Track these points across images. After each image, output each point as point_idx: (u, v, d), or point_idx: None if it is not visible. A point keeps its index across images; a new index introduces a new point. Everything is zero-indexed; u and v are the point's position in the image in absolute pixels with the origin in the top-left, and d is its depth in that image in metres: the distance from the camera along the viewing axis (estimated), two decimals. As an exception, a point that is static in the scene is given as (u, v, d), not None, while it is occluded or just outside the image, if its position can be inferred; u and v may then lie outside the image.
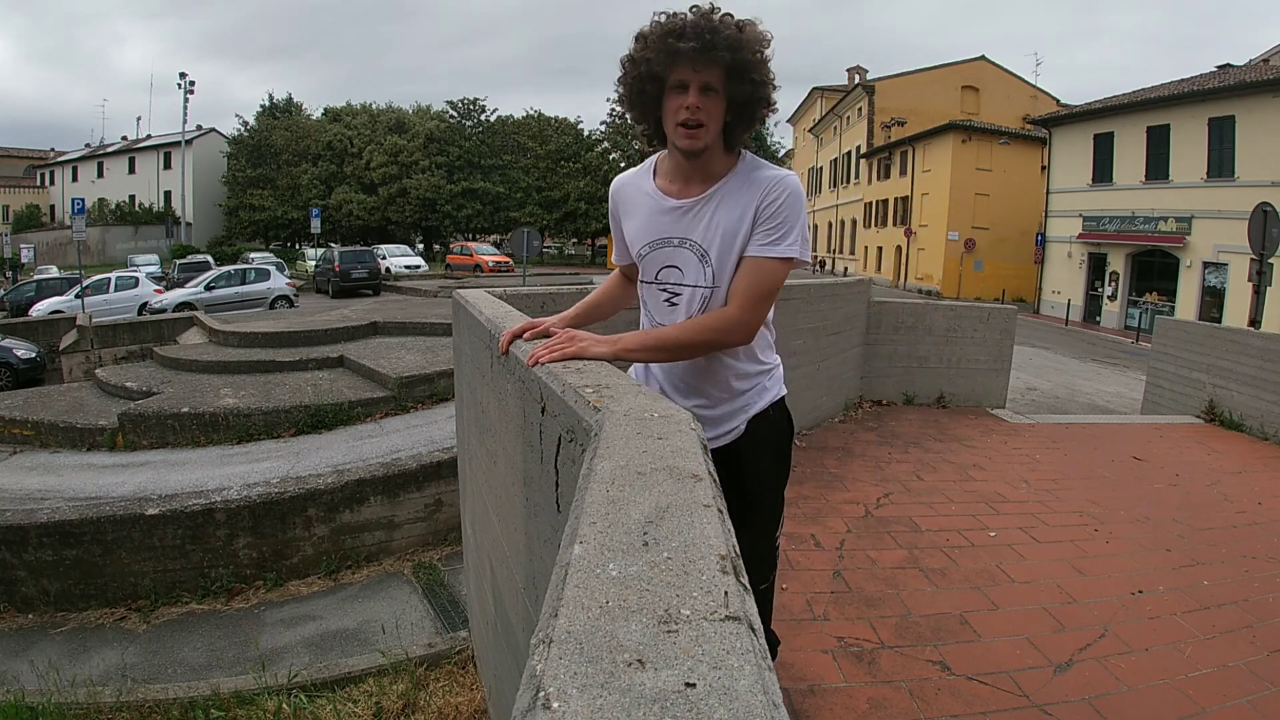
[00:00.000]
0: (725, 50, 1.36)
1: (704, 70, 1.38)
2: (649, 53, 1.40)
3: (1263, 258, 9.45)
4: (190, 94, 39.36)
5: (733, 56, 1.37)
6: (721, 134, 1.45)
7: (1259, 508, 4.02)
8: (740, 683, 0.45)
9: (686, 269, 1.53)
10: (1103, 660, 2.37)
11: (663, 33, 1.38)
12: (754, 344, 1.60)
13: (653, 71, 1.40)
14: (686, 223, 1.51)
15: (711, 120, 1.42)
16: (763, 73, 1.42)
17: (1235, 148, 17.06)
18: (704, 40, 1.35)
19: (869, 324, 6.19)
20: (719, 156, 1.49)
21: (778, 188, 1.46)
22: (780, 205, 1.45)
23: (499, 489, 1.69)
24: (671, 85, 1.42)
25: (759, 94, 1.44)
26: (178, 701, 3.51)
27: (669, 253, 1.54)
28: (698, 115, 1.40)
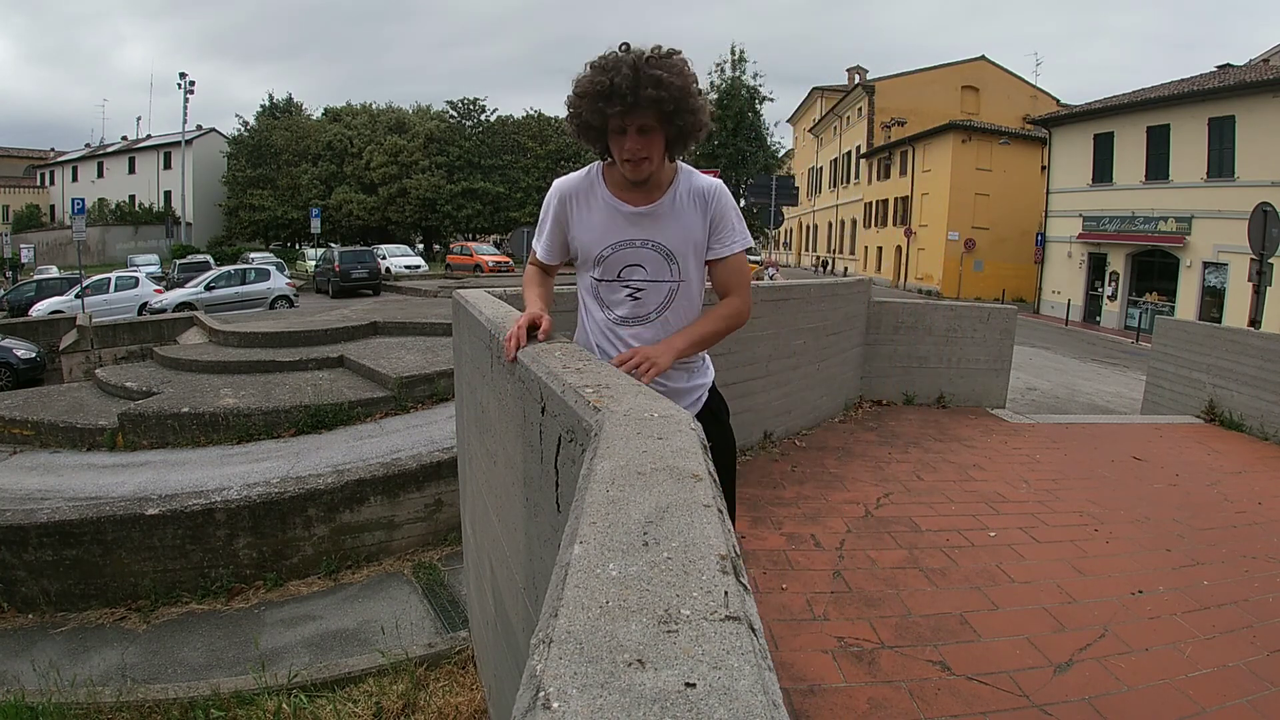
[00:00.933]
0: (652, 103, 1.54)
1: (636, 119, 1.57)
2: (584, 110, 1.59)
3: (1263, 258, 9.46)
4: (190, 94, 39.39)
5: (660, 105, 1.55)
6: (665, 155, 1.67)
7: (1259, 508, 4.02)
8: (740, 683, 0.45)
9: (650, 266, 1.74)
10: (1103, 660, 2.37)
11: (593, 95, 1.56)
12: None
13: (589, 123, 1.62)
14: (647, 226, 1.72)
15: (653, 151, 1.62)
16: (691, 107, 1.60)
17: (1235, 148, 17.06)
18: (627, 102, 1.54)
19: (869, 324, 6.18)
20: (661, 169, 1.71)
21: (718, 199, 1.75)
22: (726, 210, 1.76)
23: (499, 489, 1.69)
24: (612, 129, 1.61)
25: (691, 123, 1.63)
26: (178, 701, 3.51)
27: (632, 253, 1.73)
28: (638, 153, 1.60)
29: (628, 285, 1.76)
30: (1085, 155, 21.80)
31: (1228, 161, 17.29)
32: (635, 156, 1.61)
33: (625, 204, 1.73)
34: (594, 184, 1.77)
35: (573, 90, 1.62)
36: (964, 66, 34.52)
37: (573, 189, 1.78)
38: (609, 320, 1.80)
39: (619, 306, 1.78)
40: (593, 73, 1.58)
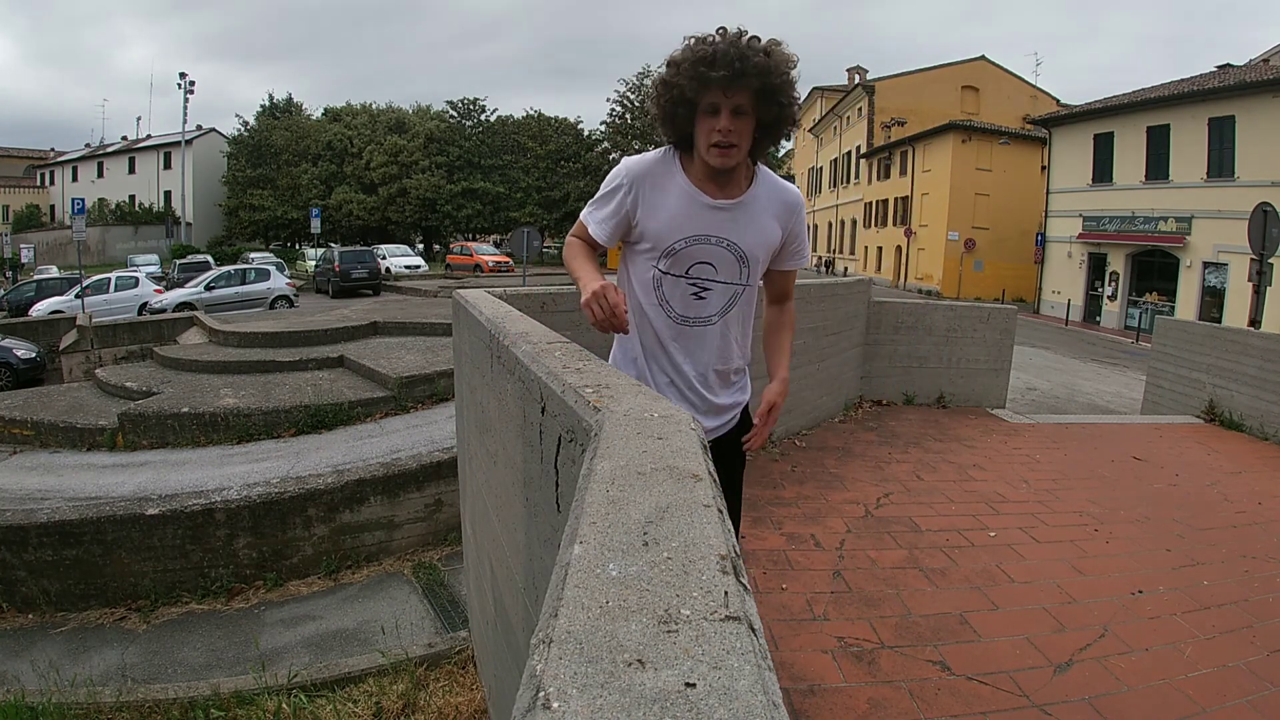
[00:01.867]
0: (755, 76, 1.45)
1: (735, 95, 1.47)
2: (681, 79, 1.48)
3: (1263, 258, 9.46)
4: (190, 94, 39.43)
5: (762, 82, 1.46)
6: (750, 150, 1.58)
7: (1259, 508, 4.02)
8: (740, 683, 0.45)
9: (721, 267, 1.64)
10: (1103, 660, 2.37)
11: (694, 60, 1.46)
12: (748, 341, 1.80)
13: (685, 96, 1.50)
14: (726, 224, 1.61)
15: (743, 140, 1.52)
16: (789, 94, 1.51)
17: (1235, 148, 17.06)
18: (734, 68, 1.44)
19: (869, 324, 6.18)
20: (743, 166, 1.61)
21: (800, 211, 1.70)
22: (803, 223, 1.72)
23: (499, 489, 1.69)
24: (703, 108, 1.50)
25: (786, 114, 1.54)
26: (178, 701, 3.51)
27: (706, 250, 1.62)
28: (730, 137, 1.49)
29: (695, 284, 1.65)
30: (1085, 155, 21.81)
31: (1228, 161, 17.29)
32: (726, 140, 1.50)
33: (708, 196, 1.60)
34: (671, 169, 1.64)
35: (667, 64, 1.53)
36: (964, 66, 34.52)
37: (647, 170, 1.64)
38: (666, 317, 1.67)
39: (679, 304, 1.66)
40: (694, 43, 1.49)
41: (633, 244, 1.69)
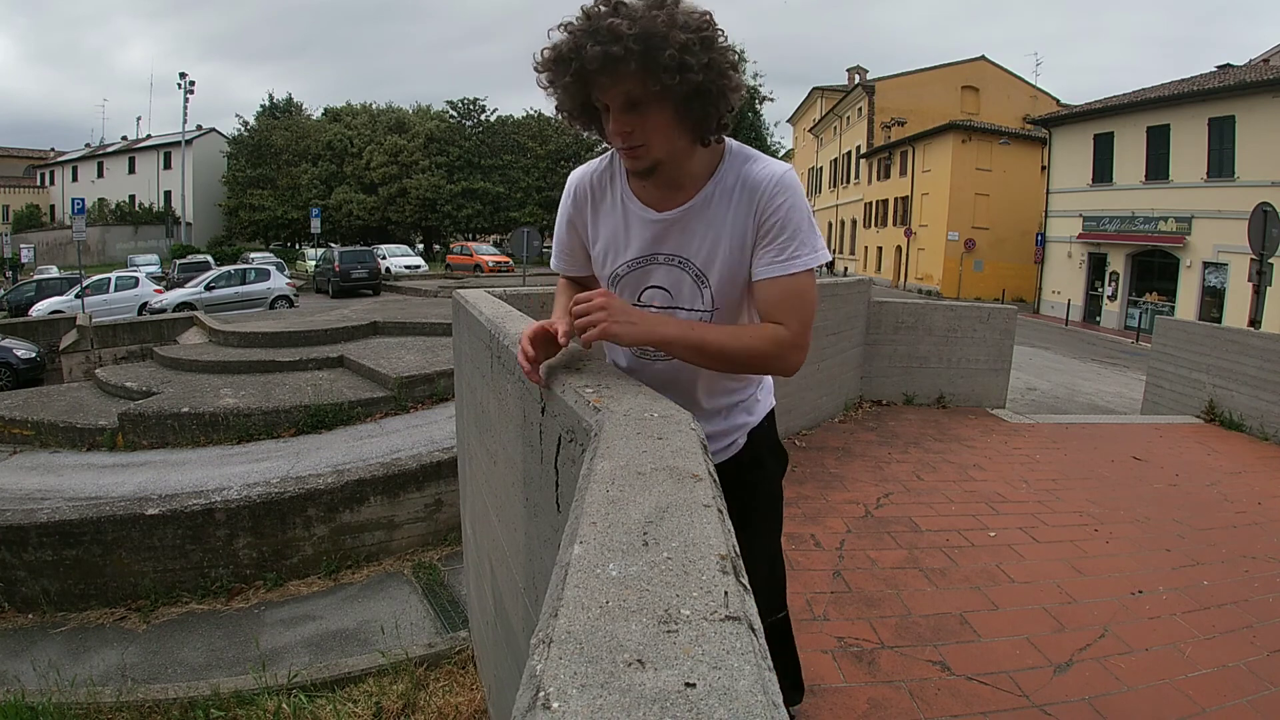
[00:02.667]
0: (609, 62, 1.08)
1: (615, 85, 1.12)
2: (554, 91, 1.18)
3: (1263, 258, 9.45)
4: (190, 94, 39.42)
5: (642, 59, 1.08)
6: (685, 133, 1.19)
7: (1259, 508, 4.02)
8: (740, 683, 0.45)
9: (677, 290, 1.31)
10: (1103, 660, 2.37)
11: (550, 67, 1.14)
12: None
13: (571, 109, 1.20)
14: (674, 237, 1.28)
15: (654, 133, 1.17)
16: (699, 56, 1.10)
17: (1235, 148, 17.06)
18: (583, 59, 1.08)
19: (869, 324, 6.18)
20: (692, 156, 1.24)
21: (774, 194, 1.22)
22: (783, 212, 1.21)
23: (499, 489, 1.69)
24: (600, 106, 1.18)
25: (707, 82, 1.12)
26: (178, 701, 3.51)
27: (653, 271, 1.31)
28: (631, 139, 1.17)
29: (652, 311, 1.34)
30: (1085, 155, 21.80)
31: (1228, 161, 17.29)
32: (627, 142, 1.17)
33: (648, 208, 1.29)
34: (614, 177, 1.34)
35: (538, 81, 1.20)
36: (964, 66, 34.51)
37: (587, 182, 1.37)
38: (629, 354, 1.40)
39: None
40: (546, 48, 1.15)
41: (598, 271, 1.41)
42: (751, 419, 1.49)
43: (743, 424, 1.48)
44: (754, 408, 1.50)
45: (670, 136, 1.18)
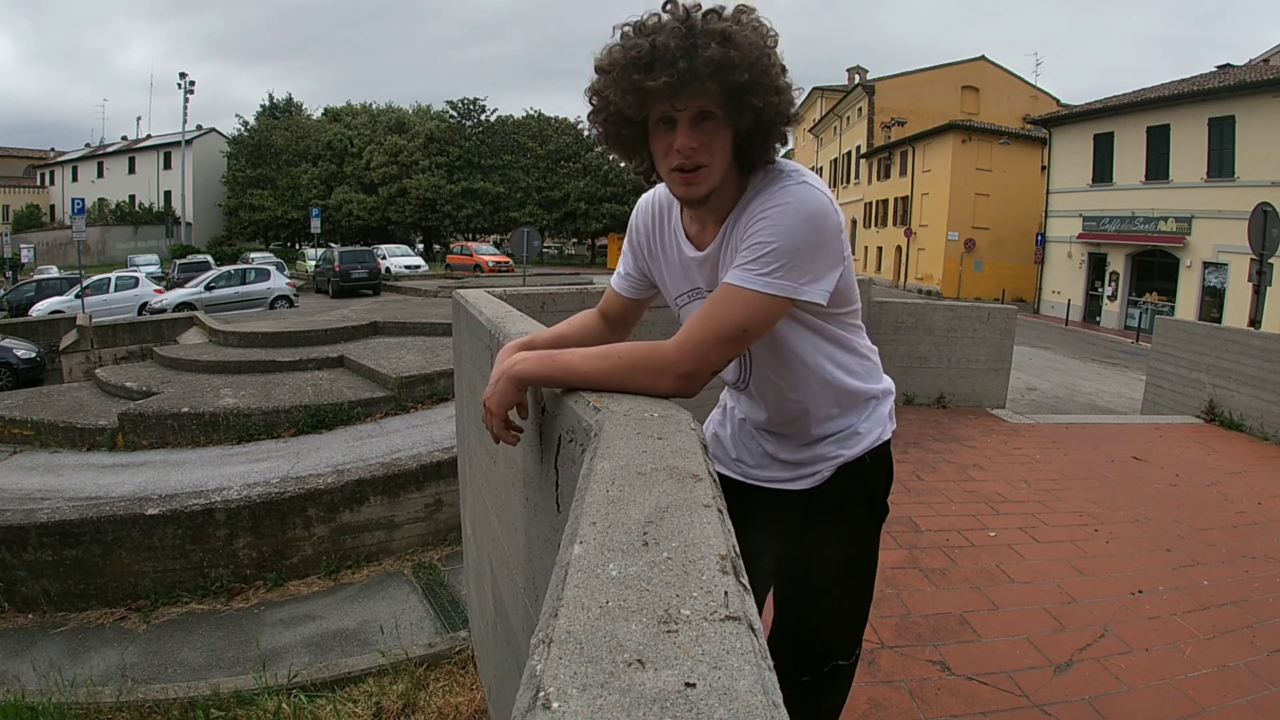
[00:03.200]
0: (713, 75, 1.02)
1: (691, 100, 1.05)
2: (613, 92, 1.08)
3: (1263, 258, 9.45)
4: (190, 94, 39.42)
5: (724, 79, 1.03)
6: (734, 162, 1.13)
7: (1259, 508, 4.02)
8: (740, 683, 0.45)
9: None
10: (1103, 660, 2.37)
11: (625, 65, 1.05)
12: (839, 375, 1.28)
13: (624, 114, 1.09)
14: (710, 271, 1.22)
15: (715, 156, 1.09)
16: (770, 84, 1.06)
17: (1235, 148, 17.06)
18: (679, 70, 1.02)
19: (869, 324, 6.18)
20: (732, 186, 1.16)
21: (771, 200, 1.09)
22: (771, 224, 1.07)
23: (499, 489, 1.69)
24: (654, 124, 1.10)
25: (769, 115, 1.08)
26: (178, 701, 3.51)
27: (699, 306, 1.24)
28: (694, 157, 1.08)
29: None
30: (1085, 155, 21.81)
31: (1228, 161, 17.29)
32: (689, 160, 1.08)
33: (690, 244, 1.24)
34: (670, 208, 1.28)
35: (595, 69, 1.10)
36: (964, 66, 34.52)
37: (654, 207, 1.31)
38: (725, 382, 1.39)
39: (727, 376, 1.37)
40: (624, 38, 1.06)
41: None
42: (846, 452, 1.31)
43: (833, 456, 1.32)
44: (850, 440, 1.32)
45: (725, 160, 1.12)
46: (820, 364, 1.26)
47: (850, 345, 1.30)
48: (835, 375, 1.28)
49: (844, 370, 1.29)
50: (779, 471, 1.35)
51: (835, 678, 1.39)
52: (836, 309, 1.23)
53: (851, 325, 1.31)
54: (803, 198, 1.09)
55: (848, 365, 1.30)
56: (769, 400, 1.32)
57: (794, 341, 1.23)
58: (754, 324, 1.08)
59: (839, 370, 1.28)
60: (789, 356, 1.25)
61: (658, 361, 1.07)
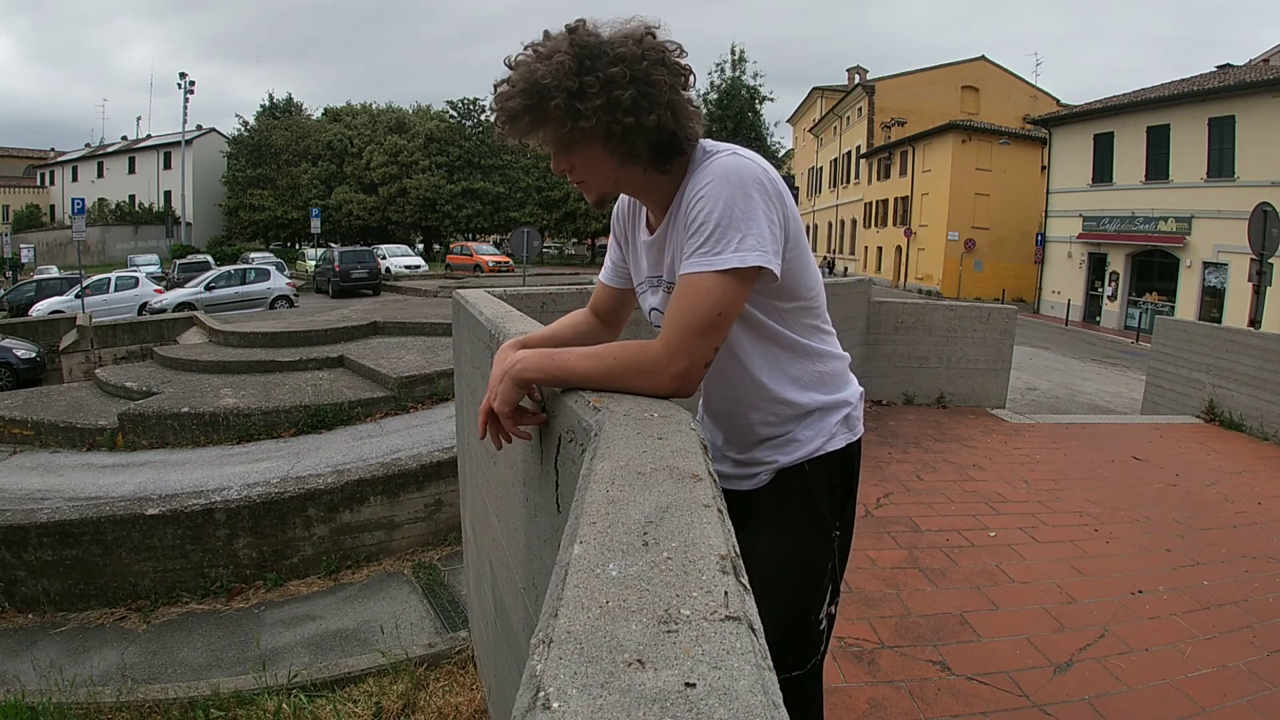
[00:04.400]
0: (522, 114, 1.09)
1: (537, 134, 1.14)
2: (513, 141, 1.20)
3: (1263, 258, 9.45)
4: (190, 94, 39.47)
5: (533, 113, 1.09)
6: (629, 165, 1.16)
7: (1259, 508, 4.02)
8: (740, 683, 0.45)
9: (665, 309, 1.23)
10: (1103, 660, 2.37)
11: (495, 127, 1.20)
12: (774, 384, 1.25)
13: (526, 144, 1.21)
14: (657, 258, 1.26)
15: (590, 172, 1.16)
16: (593, 100, 1.06)
17: (1235, 148, 17.06)
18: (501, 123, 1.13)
19: (869, 324, 6.18)
20: (655, 185, 1.19)
21: (700, 179, 1.10)
22: (703, 199, 1.07)
23: (499, 489, 1.69)
24: None
25: (608, 123, 1.08)
26: (178, 701, 3.51)
27: (654, 293, 1.30)
28: (572, 175, 1.18)
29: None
30: (1085, 155, 21.81)
31: (1228, 161, 17.29)
32: (571, 179, 1.20)
33: (648, 230, 1.29)
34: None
35: None
36: (964, 66, 34.52)
37: (624, 199, 1.36)
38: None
39: None
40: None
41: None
42: (781, 458, 1.28)
43: (769, 460, 1.29)
44: (789, 447, 1.28)
45: (604, 171, 1.15)
46: (755, 369, 1.23)
47: (798, 348, 1.25)
48: (769, 384, 1.24)
49: (784, 379, 1.25)
50: (727, 468, 1.33)
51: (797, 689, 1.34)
52: (786, 302, 1.20)
53: (805, 325, 1.26)
54: (729, 167, 1.09)
55: (790, 373, 1.26)
56: (713, 392, 1.31)
57: (731, 340, 1.20)
58: (726, 305, 1.07)
59: (775, 378, 1.25)
60: (744, 346, 1.22)
61: (649, 361, 1.07)
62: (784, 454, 1.28)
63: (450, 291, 3.87)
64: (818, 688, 1.40)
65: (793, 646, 1.33)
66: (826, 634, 1.37)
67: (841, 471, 1.33)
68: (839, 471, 1.32)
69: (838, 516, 1.34)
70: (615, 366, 1.08)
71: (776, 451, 1.28)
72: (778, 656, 1.30)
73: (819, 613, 1.34)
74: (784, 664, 1.30)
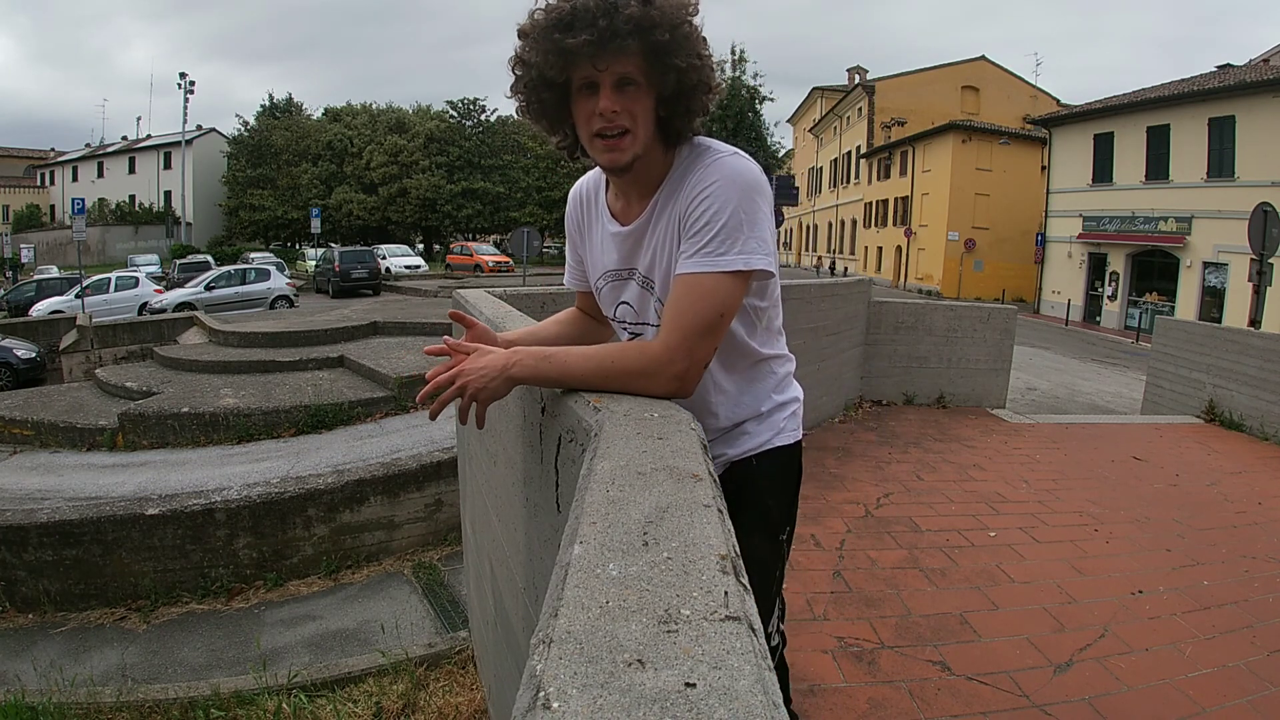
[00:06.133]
0: (633, 35, 1.02)
1: (613, 63, 1.05)
2: (534, 55, 1.08)
3: (1263, 258, 9.45)
4: (190, 94, 39.49)
5: (645, 37, 1.03)
6: (657, 132, 1.13)
7: (1259, 508, 4.02)
8: (740, 683, 0.45)
9: (640, 306, 1.24)
10: (1103, 660, 2.37)
11: (546, 26, 1.05)
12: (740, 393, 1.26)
13: (545, 76, 1.09)
14: (632, 249, 1.21)
15: (638, 122, 1.09)
16: (690, 51, 1.07)
17: (1235, 148, 17.06)
18: (599, 28, 1.02)
19: (869, 324, 6.18)
20: (658, 159, 1.16)
21: (706, 177, 1.09)
22: (709, 199, 1.07)
23: (499, 489, 1.69)
24: (577, 86, 1.10)
25: (690, 80, 1.09)
26: (178, 701, 3.51)
27: (621, 287, 1.25)
28: (617, 121, 1.08)
29: (625, 329, 1.29)
30: (1085, 155, 21.81)
31: (1228, 161, 17.29)
32: (611, 124, 1.09)
33: (614, 220, 1.23)
34: (598, 190, 1.29)
35: (518, 35, 1.10)
36: (964, 66, 34.53)
37: (580, 192, 1.33)
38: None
39: None
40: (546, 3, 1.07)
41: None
42: (730, 451, 1.29)
43: (718, 455, 1.28)
44: (738, 440, 1.29)
45: (648, 128, 1.12)
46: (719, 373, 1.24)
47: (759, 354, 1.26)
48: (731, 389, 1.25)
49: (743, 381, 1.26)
50: None
51: None
52: (763, 300, 1.22)
53: (771, 327, 1.27)
54: (736, 169, 1.09)
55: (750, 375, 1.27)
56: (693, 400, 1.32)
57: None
58: (727, 306, 1.08)
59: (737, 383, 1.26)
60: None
61: (649, 363, 1.06)
62: (732, 447, 1.28)
63: (450, 291, 3.87)
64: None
65: None
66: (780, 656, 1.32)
67: (786, 469, 1.33)
68: (788, 469, 1.33)
69: (785, 518, 1.34)
70: (612, 368, 1.07)
71: (725, 445, 1.28)
72: None
73: (768, 627, 1.28)
74: None
